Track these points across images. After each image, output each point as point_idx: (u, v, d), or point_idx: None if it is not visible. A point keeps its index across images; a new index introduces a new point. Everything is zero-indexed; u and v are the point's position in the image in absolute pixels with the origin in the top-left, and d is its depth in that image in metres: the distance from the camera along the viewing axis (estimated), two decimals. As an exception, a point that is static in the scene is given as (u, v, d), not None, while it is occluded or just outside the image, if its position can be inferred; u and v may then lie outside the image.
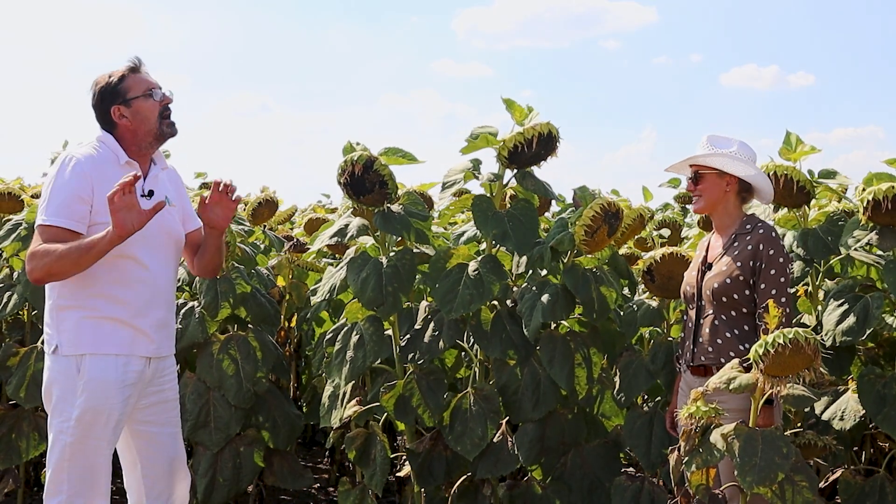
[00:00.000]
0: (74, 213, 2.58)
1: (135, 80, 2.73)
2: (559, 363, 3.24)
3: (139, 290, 2.69)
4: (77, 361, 2.61)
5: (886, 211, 3.11)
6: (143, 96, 2.71)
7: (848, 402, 3.27)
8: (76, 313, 2.63)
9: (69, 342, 2.62)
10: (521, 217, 3.30)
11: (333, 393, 3.59)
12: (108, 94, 2.71)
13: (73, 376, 2.61)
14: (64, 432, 2.61)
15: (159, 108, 2.73)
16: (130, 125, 2.71)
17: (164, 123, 2.75)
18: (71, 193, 2.58)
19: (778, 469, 2.23)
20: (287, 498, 4.72)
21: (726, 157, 2.85)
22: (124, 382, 2.65)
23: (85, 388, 2.59)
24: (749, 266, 2.80)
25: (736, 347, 2.80)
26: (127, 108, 2.71)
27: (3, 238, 4.08)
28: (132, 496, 2.86)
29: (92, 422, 2.60)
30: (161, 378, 2.80)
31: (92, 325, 2.62)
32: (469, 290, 3.22)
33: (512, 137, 3.20)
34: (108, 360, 2.62)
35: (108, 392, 2.61)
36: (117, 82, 2.71)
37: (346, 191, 3.28)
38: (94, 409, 2.59)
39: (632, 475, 3.27)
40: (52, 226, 2.56)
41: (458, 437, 3.24)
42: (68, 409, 2.60)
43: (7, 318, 4.14)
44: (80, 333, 2.62)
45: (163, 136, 2.76)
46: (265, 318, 3.86)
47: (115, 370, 2.63)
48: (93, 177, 2.61)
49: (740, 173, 2.87)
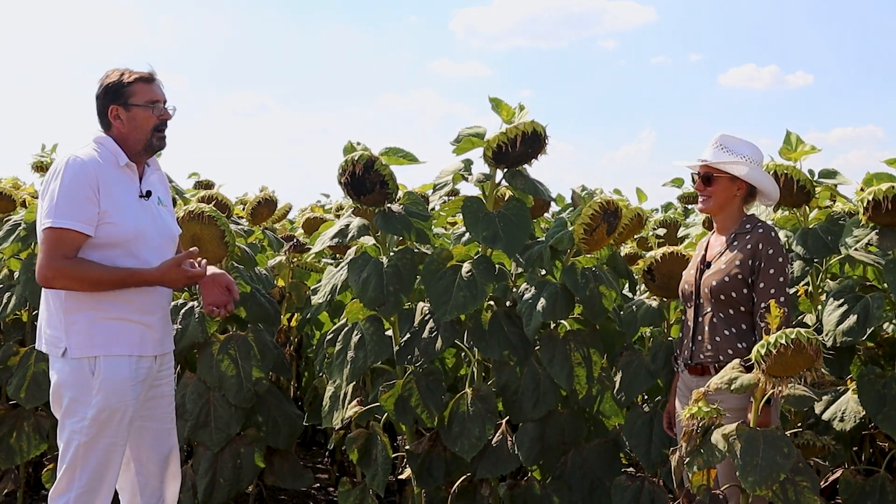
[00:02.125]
0: (84, 214, 2.59)
1: (142, 88, 2.74)
2: (559, 363, 3.24)
3: (145, 290, 2.73)
4: (90, 363, 2.64)
5: (887, 211, 3.11)
6: (144, 106, 2.73)
7: (848, 402, 3.28)
8: (86, 315, 2.64)
9: (80, 345, 2.64)
10: (513, 217, 3.28)
11: (335, 393, 3.59)
12: (111, 92, 2.73)
13: (86, 378, 2.63)
14: (78, 432, 2.63)
15: (155, 122, 2.76)
16: (123, 129, 2.74)
17: (156, 136, 2.78)
18: (79, 194, 2.59)
19: (779, 469, 2.23)
20: (287, 498, 4.71)
21: (743, 164, 2.87)
22: (136, 379, 2.69)
23: (101, 387, 2.62)
24: (748, 265, 2.81)
25: (734, 345, 2.82)
26: (125, 112, 2.73)
27: (3, 239, 4.07)
28: (125, 495, 2.88)
29: (107, 420, 2.63)
30: (161, 373, 2.85)
31: (103, 327, 2.65)
32: (463, 291, 3.21)
33: (495, 137, 3.19)
34: (122, 360, 2.66)
35: (123, 390, 2.65)
36: (125, 84, 2.73)
37: (347, 190, 3.28)
38: (110, 408, 2.63)
39: (632, 475, 3.27)
40: (62, 228, 2.57)
41: (456, 438, 3.24)
42: (82, 409, 2.62)
43: (7, 318, 4.14)
44: (91, 335, 2.64)
45: (151, 148, 2.79)
46: (265, 317, 3.85)
47: (129, 368, 2.67)
48: (98, 177, 2.63)
49: (761, 185, 2.91)
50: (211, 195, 4.34)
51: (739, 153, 2.89)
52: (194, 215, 3.47)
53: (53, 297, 2.68)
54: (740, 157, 2.88)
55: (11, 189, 4.41)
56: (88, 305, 2.64)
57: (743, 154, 2.89)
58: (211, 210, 3.52)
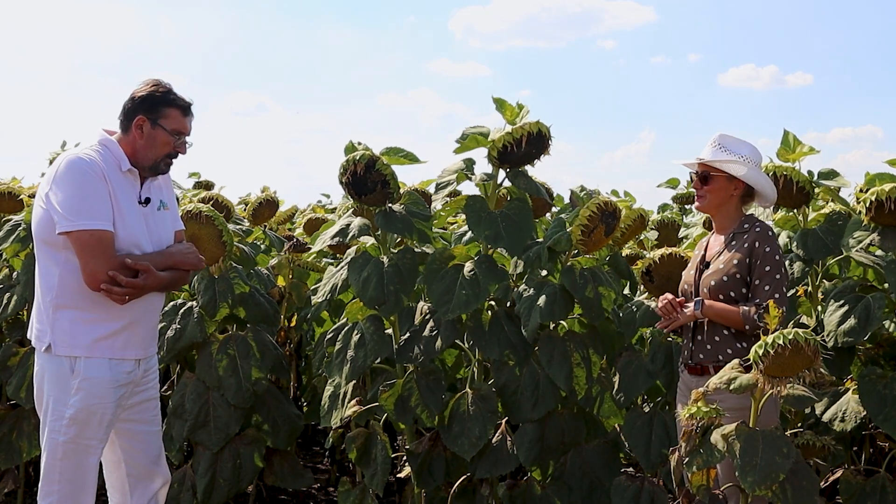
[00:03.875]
0: (106, 212, 2.60)
1: (176, 115, 2.75)
2: (558, 363, 3.24)
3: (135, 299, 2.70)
4: (71, 362, 2.63)
5: (889, 212, 3.10)
6: (169, 132, 2.74)
7: (848, 402, 3.27)
8: (72, 314, 2.64)
9: (63, 342, 2.64)
10: (515, 217, 3.29)
11: (334, 392, 3.59)
12: (148, 102, 2.72)
13: (66, 376, 2.63)
14: (57, 431, 2.63)
15: (170, 151, 2.77)
16: (140, 140, 2.73)
17: (164, 162, 2.79)
18: (96, 194, 2.59)
19: (779, 469, 2.23)
20: (287, 498, 4.71)
21: (741, 163, 2.87)
22: (117, 382, 2.68)
23: (79, 387, 2.62)
24: (745, 263, 2.82)
25: (733, 345, 2.83)
26: (150, 127, 2.72)
27: (3, 239, 4.07)
28: (114, 496, 2.89)
29: (85, 421, 2.63)
30: (146, 377, 2.84)
31: (87, 328, 2.64)
32: (465, 290, 3.21)
33: (501, 137, 3.19)
34: (102, 362, 2.66)
35: (102, 391, 2.64)
36: (163, 103, 2.73)
37: (348, 190, 3.28)
38: (87, 409, 2.62)
39: (632, 475, 3.27)
40: (95, 230, 2.56)
41: (456, 437, 3.24)
42: (61, 408, 2.63)
43: (7, 318, 4.14)
44: (74, 335, 2.64)
45: (156, 170, 2.80)
46: (264, 317, 3.85)
47: (109, 370, 2.67)
48: (106, 176, 2.63)
49: (758, 185, 2.91)
50: (210, 195, 4.34)
51: (738, 153, 2.90)
52: (192, 215, 3.47)
53: (44, 291, 2.68)
54: (738, 157, 2.88)
55: (19, 189, 4.41)
56: (76, 305, 2.63)
57: (741, 154, 2.89)
58: (209, 210, 3.52)
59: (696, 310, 2.85)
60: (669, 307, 2.93)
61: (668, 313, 2.93)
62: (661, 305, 2.95)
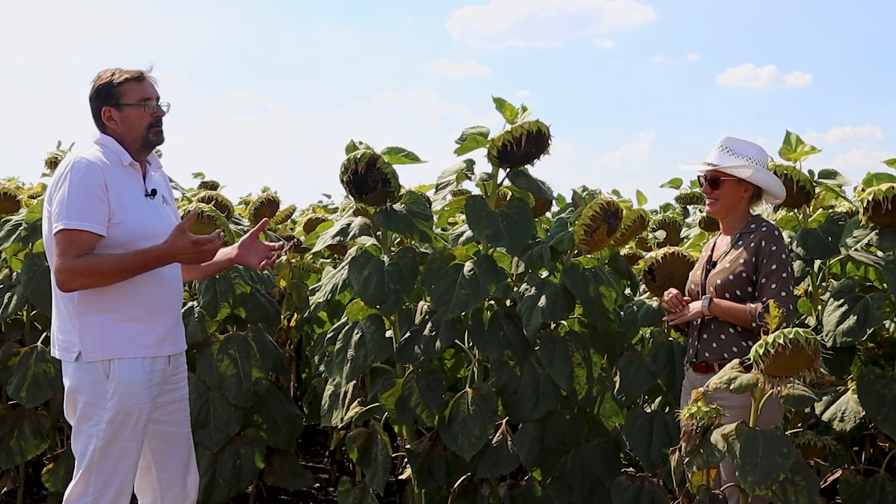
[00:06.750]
0: (96, 214, 2.58)
1: (133, 87, 2.72)
2: (559, 363, 3.24)
3: (157, 287, 2.72)
4: (105, 366, 2.62)
5: (887, 211, 3.11)
6: (136, 105, 2.71)
7: (848, 402, 3.28)
8: (100, 317, 2.63)
9: (95, 347, 2.62)
10: (515, 217, 3.29)
11: (334, 392, 3.59)
12: (103, 94, 2.72)
13: (101, 381, 2.62)
14: (94, 436, 2.62)
15: (149, 120, 2.74)
16: (118, 129, 2.73)
17: (152, 132, 2.76)
18: (90, 195, 2.58)
19: (779, 469, 2.23)
20: (287, 498, 4.71)
21: (749, 166, 2.89)
22: (151, 381, 2.68)
23: (115, 390, 2.61)
24: (752, 263, 2.85)
25: (739, 343, 2.86)
26: (117, 113, 2.71)
27: (3, 239, 4.07)
28: (146, 498, 2.87)
29: (123, 423, 2.62)
30: (175, 375, 2.83)
31: (117, 329, 2.63)
32: (465, 290, 3.21)
33: (500, 136, 3.19)
34: (136, 362, 2.65)
35: (137, 393, 2.64)
36: (115, 85, 2.71)
37: (349, 189, 3.28)
38: (125, 411, 2.62)
39: (632, 475, 3.27)
40: (75, 230, 2.55)
41: (456, 437, 3.24)
42: (98, 412, 2.61)
43: (7, 318, 4.13)
44: (106, 338, 2.62)
45: (149, 144, 2.78)
46: (265, 317, 3.85)
47: (143, 370, 2.66)
48: (106, 177, 2.62)
49: (768, 186, 2.94)
50: (210, 195, 4.34)
51: (745, 155, 2.92)
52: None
53: (65, 300, 2.65)
54: (746, 160, 2.91)
55: (16, 189, 4.41)
56: (101, 307, 2.62)
57: (749, 156, 2.92)
58: (210, 210, 3.53)
59: (704, 306, 2.87)
60: (675, 300, 2.96)
61: (675, 307, 2.96)
62: (667, 300, 2.98)
